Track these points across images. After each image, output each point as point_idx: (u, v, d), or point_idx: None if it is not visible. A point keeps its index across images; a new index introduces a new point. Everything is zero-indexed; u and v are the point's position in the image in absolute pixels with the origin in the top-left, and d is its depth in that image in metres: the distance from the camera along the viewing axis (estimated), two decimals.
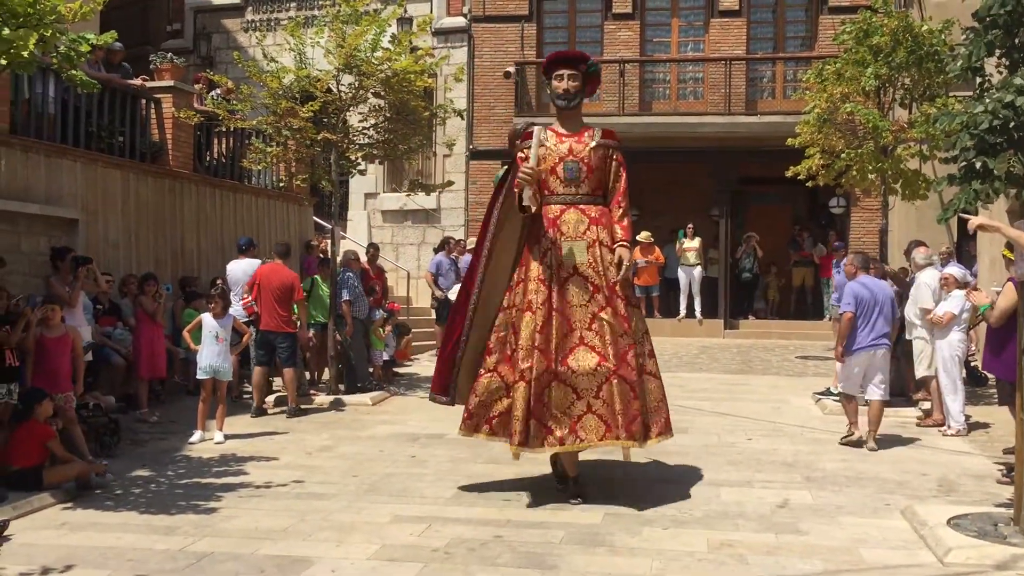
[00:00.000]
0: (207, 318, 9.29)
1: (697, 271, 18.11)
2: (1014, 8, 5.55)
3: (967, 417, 9.44)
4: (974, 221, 5.60)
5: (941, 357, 9.40)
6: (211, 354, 9.16)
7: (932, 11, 14.27)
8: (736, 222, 19.19)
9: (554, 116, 7.26)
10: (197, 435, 9.01)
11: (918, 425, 9.74)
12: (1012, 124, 5.49)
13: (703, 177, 18.74)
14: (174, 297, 11.66)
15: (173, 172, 12.36)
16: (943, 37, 10.72)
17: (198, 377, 9.36)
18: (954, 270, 9.83)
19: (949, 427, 9.31)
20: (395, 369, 13.15)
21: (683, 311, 18.08)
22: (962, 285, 9.39)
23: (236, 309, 10.55)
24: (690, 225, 18.30)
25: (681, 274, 18.21)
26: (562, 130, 7.04)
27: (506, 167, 7.38)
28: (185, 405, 10.50)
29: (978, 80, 5.98)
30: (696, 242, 18.17)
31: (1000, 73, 5.83)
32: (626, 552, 5.68)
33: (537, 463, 8.03)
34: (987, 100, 5.55)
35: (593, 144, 6.95)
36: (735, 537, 5.96)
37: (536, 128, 6.96)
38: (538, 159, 6.74)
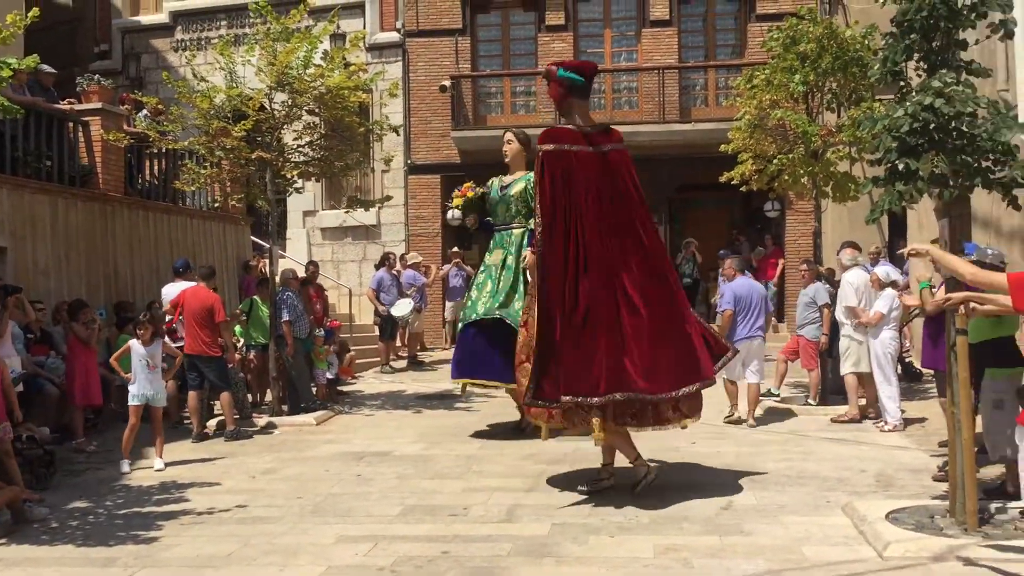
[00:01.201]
0: (135, 344, 9.06)
1: None
2: (930, 13, 5.72)
3: (901, 412, 9.64)
4: (907, 249, 5.74)
5: (874, 355, 9.62)
6: (143, 381, 8.95)
7: (856, 17, 14.63)
8: (675, 229, 19.42)
9: (490, 129, 7.36)
10: (125, 464, 8.81)
11: (833, 421, 9.94)
12: (932, 126, 5.65)
13: (641, 185, 18.91)
14: (108, 323, 11.41)
15: (104, 196, 12.12)
16: (866, 43, 10.99)
17: (130, 404, 9.11)
18: (880, 270, 10.04)
19: (886, 422, 9.52)
20: (339, 388, 13.02)
21: None
22: (887, 284, 9.59)
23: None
24: None
25: None
26: None
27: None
28: (123, 434, 10.22)
29: (899, 84, 6.14)
30: None
31: (919, 76, 5.99)
32: (573, 561, 5.69)
33: (484, 476, 8.04)
34: (907, 103, 5.70)
35: None
36: (680, 541, 6.01)
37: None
38: None
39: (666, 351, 7.03)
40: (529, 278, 8.58)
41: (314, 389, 11.93)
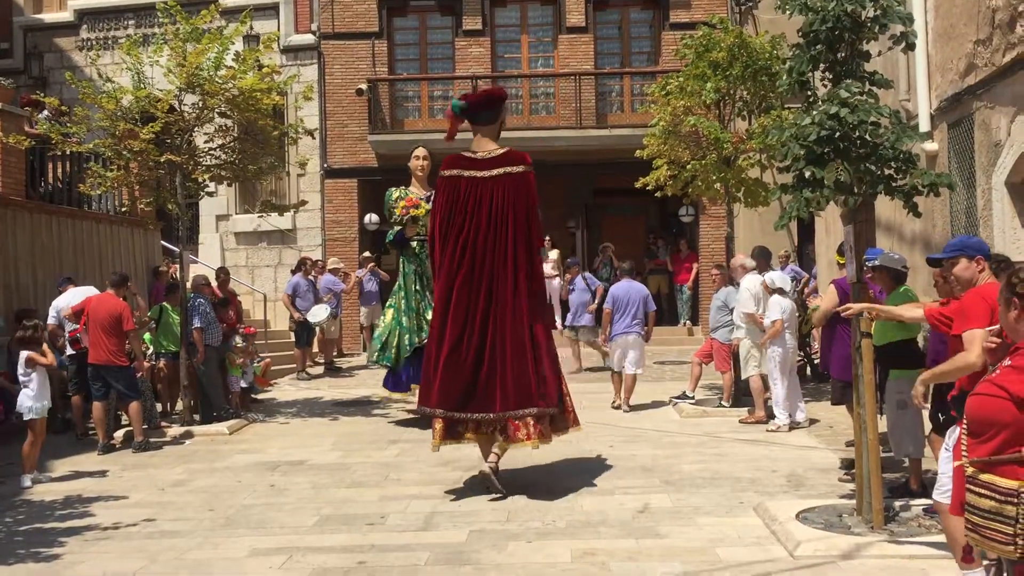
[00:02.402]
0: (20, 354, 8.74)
1: (556, 283, 18.35)
2: (835, 24, 5.87)
3: (788, 414, 9.81)
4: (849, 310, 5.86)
5: (771, 357, 9.80)
6: (40, 391, 8.63)
7: (765, 27, 14.98)
8: (592, 233, 19.59)
9: (408, 133, 7.46)
10: (27, 479, 8.47)
11: (741, 422, 10.15)
12: (837, 135, 5.79)
13: (558, 190, 19.05)
14: (8, 333, 10.97)
15: (4, 199, 11.64)
16: (774, 52, 11.25)
17: (26, 417, 8.72)
18: (768, 276, 10.08)
19: (773, 422, 9.75)
20: (253, 395, 12.75)
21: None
22: (774, 291, 9.77)
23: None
24: (547, 237, 18.55)
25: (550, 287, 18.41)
26: None
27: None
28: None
29: (807, 93, 6.29)
30: (555, 254, 18.43)
31: (825, 86, 6.14)
32: (492, 568, 5.67)
33: (401, 484, 7.97)
34: (814, 112, 5.84)
35: None
36: (597, 545, 6.04)
37: None
38: None
39: (512, 373, 7.46)
40: None
41: (230, 396, 11.66)
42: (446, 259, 7.69)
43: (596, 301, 14.48)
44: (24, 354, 8.73)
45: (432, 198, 9.94)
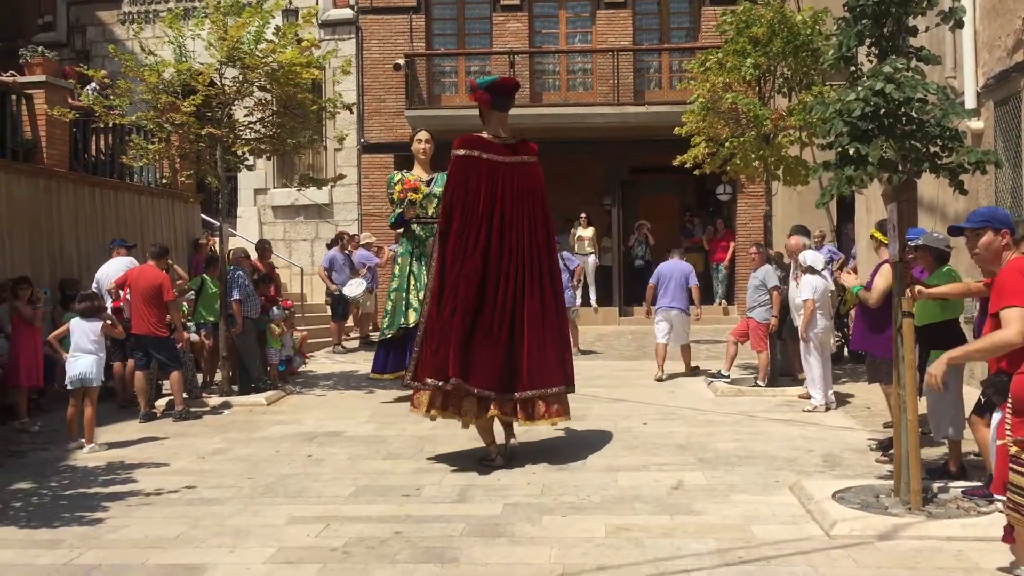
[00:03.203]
0: (78, 322, 8.87)
1: (591, 259, 18.33)
2: None
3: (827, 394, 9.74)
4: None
5: (808, 337, 9.71)
6: (79, 361, 8.76)
7: (807, 2, 14.75)
8: (628, 211, 19.52)
9: (445, 109, 7.44)
10: (86, 447, 8.62)
11: (799, 398, 10.08)
12: (883, 111, 5.70)
13: (595, 167, 18.99)
14: (53, 301, 11.18)
15: (48, 171, 11.83)
16: (817, 27, 11.09)
17: (68, 387, 8.87)
18: (802, 255, 9.89)
19: (810, 402, 9.69)
20: (292, 368, 12.88)
21: (579, 300, 18.23)
22: (807, 269, 9.65)
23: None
24: (583, 214, 18.51)
25: (570, 263, 18.32)
26: None
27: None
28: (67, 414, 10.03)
29: (851, 69, 6.20)
30: (590, 231, 18.39)
31: (870, 62, 6.05)
32: (526, 541, 5.71)
33: (436, 456, 8.04)
34: (859, 88, 5.75)
35: None
36: (632, 521, 6.06)
37: None
38: None
39: (536, 355, 7.66)
40: None
41: (268, 368, 11.80)
42: (469, 237, 7.62)
43: (574, 280, 14.94)
44: (97, 324, 8.87)
45: (439, 179, 10.45)
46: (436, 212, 10.52)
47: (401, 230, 11.11)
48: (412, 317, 10.43)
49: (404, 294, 10.68)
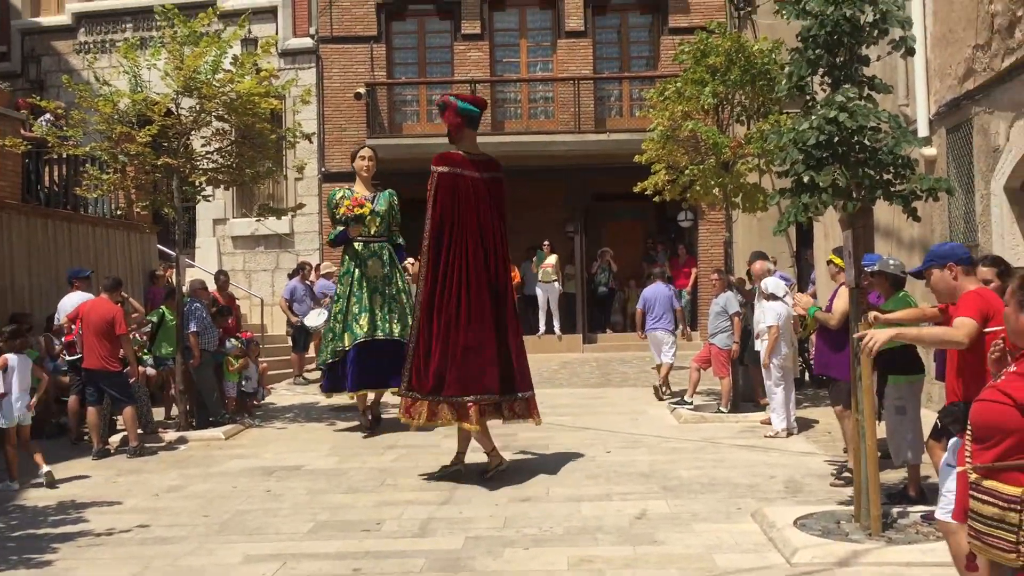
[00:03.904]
0: (12, 358, 8.60)
1: (555, 287, 18.32)
2: (833, 29, 5.84)
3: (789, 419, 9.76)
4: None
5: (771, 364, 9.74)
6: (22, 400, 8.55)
7: (763, 32, 14.96)
8: (591, 238, 19.56)
9: (406, 137, 7.50)
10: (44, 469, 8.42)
11: (762, 424, 10.11)
12: (836, 139, 5.77)
13: (557, 194, 19.02)
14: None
15: None
16: (773, 57, 11.23)
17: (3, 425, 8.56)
18: (764, 282, 9.93)
19: (771, 427, 9.71)
20: (256, 401, 12.67)
21: (542, 327, 18.23)
22: (769, 296, 9.70)
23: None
24: (547, 242, 18.52)
25: (539, 291, 18.35)
26: None
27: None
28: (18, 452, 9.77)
29: (805, 98, 6.26)
30: (553, 258, 18.40)
31: (824, 91, 6.12)
32: None
33: (398, 489, 7.93)
34: (813, 117, 5.81)
35: None
36: (595, 552, 6.00)
37: None
38: None
39: (517, 360, 8.27)
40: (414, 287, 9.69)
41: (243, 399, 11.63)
42: (456, 252, 8.02)
43: None
44: (23, 359, 8.66)
45: (380, 198, 10.86)
46: (379, 231, 10.78)
47: (341, 248, 11.05)
48: (347, 340, 10.47)
49: (343, 315, 10.59)
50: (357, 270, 10.67)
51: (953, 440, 4.44)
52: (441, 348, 7.92)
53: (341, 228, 10.75)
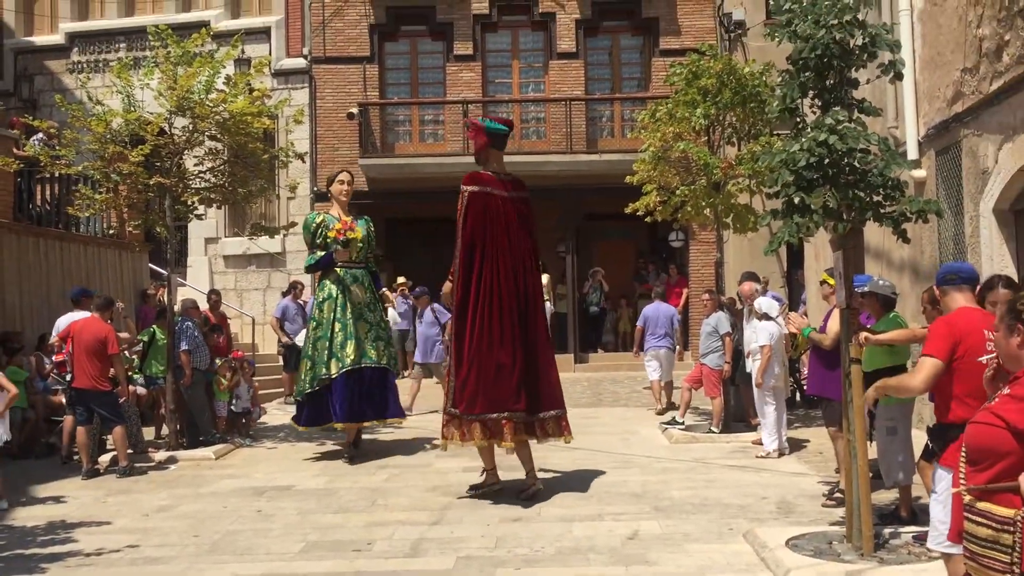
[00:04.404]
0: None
1: (547, 307, 18.30)
2: (823, 52, 5.91)
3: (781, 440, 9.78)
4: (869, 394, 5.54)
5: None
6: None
7: (754, 55, 15.09)
8: (583, 257, 19.60)
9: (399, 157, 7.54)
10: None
11: (753, 444, 10.12)
12: (827, 161, 5.81)
13: (549, 214, 19.04)
14: None
15: None
16: (763, 79, 11.32)
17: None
18: (757, 302, 10.01)
19: (763, 448, 9.72)
20: (249, 419, 12.57)
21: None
22: (762, 316, 9.73)
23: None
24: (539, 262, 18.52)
25: None
26: None
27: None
28: (6, 471, 9.69)
29: (796, 120, 6.31)
30: (545, 278, 18.39)
31: (814, 113, 6.17)
32: None
33: (389, 509, 7.90)
34: (803, 139, 5.86)
35: None
36: (586, 572, 5.99)
37: None
38: None
39: (545, 378, 8.33)
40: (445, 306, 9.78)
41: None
42: (488, 271, 8.09)
43: (446, 334, 13.34)
44: None
45: (360, 223, 10.62)
46: (359, 257, 10.58)
47: (319, 274, 10.69)
48: (334, 367, 10.13)
49: (327, 343, 10.20)
50: (340, 296, 10.33)
51: (938, 471, 4.45)
52: (476, 367, 7.95)
53: (321, 253, 10.41)
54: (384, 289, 11.10)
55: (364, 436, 11.59)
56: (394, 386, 10.68)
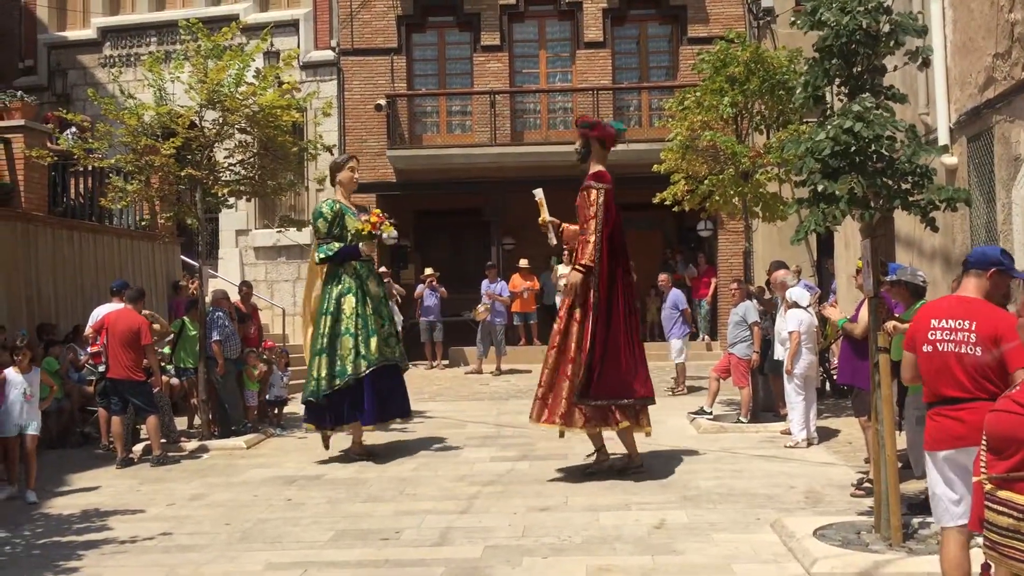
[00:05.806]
0: (11, 373, 8.63)
1: None
2: (849, 39, 5.86)
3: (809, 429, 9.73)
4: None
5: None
6: (15, 411, 8.57)
7: (783, 42, 14.95)
8: None
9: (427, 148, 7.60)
10: (31, 495, 8.45)
11: (782, 434, 10.07)
12: (853, 149, 5.77)
13: (575, 204, 19.02)
14: (31, 345, 11.06)
15: (26, 215, 11.79)
16: (791, 67, 11.23)
17: (2, 436, 8.67)
18: (788, 291, 9.97)
19: (791, 437, 9.67)
20: (282, 408, 12.70)
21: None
22: (792, 304, 9.67)
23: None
24: (565, 252, 18.50)
25: (558, 300, 18.31)
26: None
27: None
28: (43, 461, 9.86)
29: (822, 107, 6.27)
30: (565, 269, 18.36)
31: (840, 101, 6.13)
32: None
33: (417, 499, 7.97)
34: (829, 127, 5.82)
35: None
36: (613, 561, 6.01)
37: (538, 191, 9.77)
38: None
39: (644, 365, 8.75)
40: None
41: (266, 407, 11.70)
42: (615, 265, 8.63)
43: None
44: (38, 369, 8.81)
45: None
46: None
47: (326, 267, 9.89)
48: (363, 365, 9.53)
49: (353, 339, 9.57)
50: (360, 290, 9.76)
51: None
52: (612, 357, 8.36)
53: (338, 244, 9.73)
54: (389, 280, 10.85)
55: (397, 426, 11.68)
56: (404, 382, 10.29)
